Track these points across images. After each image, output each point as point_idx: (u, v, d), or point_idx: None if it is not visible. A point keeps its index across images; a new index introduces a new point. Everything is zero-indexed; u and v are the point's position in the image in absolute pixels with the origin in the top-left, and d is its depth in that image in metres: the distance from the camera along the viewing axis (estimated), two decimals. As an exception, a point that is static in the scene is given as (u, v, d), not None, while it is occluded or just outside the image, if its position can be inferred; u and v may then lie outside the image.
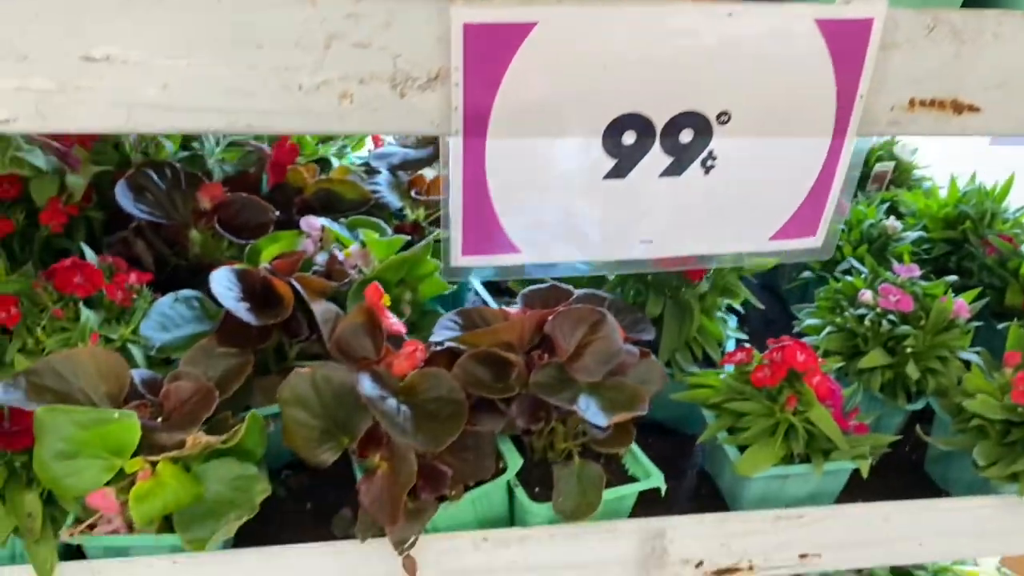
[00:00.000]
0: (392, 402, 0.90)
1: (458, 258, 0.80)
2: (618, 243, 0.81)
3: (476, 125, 0.71)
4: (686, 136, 0.75)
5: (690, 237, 0.83)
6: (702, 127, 0.75)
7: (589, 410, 0.91)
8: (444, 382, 0.92)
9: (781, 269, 1.49)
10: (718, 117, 0.74)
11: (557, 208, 0.78)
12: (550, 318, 0.97)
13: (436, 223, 1.35)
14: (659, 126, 0.74)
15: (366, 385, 0.89)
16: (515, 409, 0.93)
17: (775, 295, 1.55)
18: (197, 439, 0.85)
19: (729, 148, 0.76)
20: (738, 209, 0.81)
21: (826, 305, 1.23)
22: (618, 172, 0.76)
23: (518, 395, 0.94)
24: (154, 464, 0.86)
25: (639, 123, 0.73)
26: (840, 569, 1.10)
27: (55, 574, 0.89)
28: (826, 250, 0.86)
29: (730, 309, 1.24)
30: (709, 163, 0.77)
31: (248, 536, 0.97)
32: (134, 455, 0.86)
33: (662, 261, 0.84)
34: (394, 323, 0.95)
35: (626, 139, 0.74)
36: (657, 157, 0.76)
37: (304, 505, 1.08)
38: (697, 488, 1.16)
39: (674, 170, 0.77)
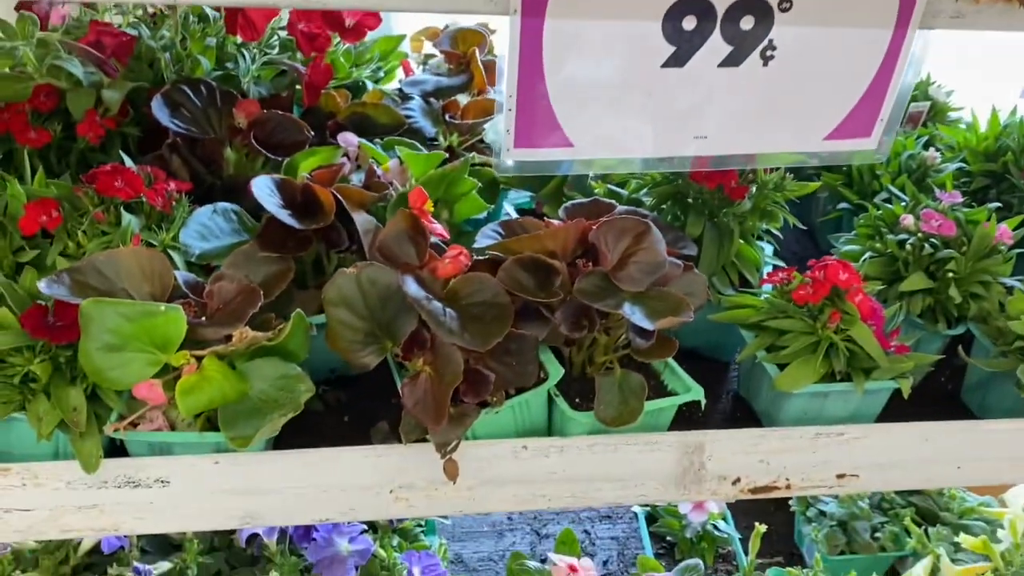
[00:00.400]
0: (437, 304, 0.89)
1: (510, 151, 0.79)
2: (672, 138, 0.80)
3: (535, 4, 0.69)
4: (747, 23, 0.73)
5: (745, 134, 0.81)
6: (763, 13, 0.73)
7: (635, 315, 0.90)
8: (489, 286, 0.91)
9: (814, 204, 1.47)
10: (780, 4, 0.73)
11: (613, 98, 0.77)
12: (594, 228, 0.96)
13: (471, 149, 1.34)
14: (720, 11, 0.72)
15: (411, 286, 0.89)
16: (559, 315, 0.93)
17: (807, 232, 1.53)
18: (243, 334, 0.85)
19: (789, 38, 0.75)
20: (794, 105, 0.80)
21: (865, 232, 1.22)
22: (676, 60, 0.74)
23: (562, 301, 0.93)
24: (200, 359, 0.86)
25: (700, 6, 0.71)
26: (876, 490, 1.09)
27: (99, 470, 0.90)
28: (881, 152, 0.85)
29: (768, 233, 1.23)
30: (768, 53, 0.75)
31: (285, 447, 0.97)
32: (179, 350, 0.86)
33: (714, 160, 0.83)
34: (437, 228, 0.95)
35: (686, 24, 0.72)
36: (717, 45, 0.74)
37: (341, 418, 1.08)
38: (733, 411, 1.16)
39: (733, 60, 0.75)
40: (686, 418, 1.10)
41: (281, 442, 0.99)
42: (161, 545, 1.50)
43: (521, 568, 1.42)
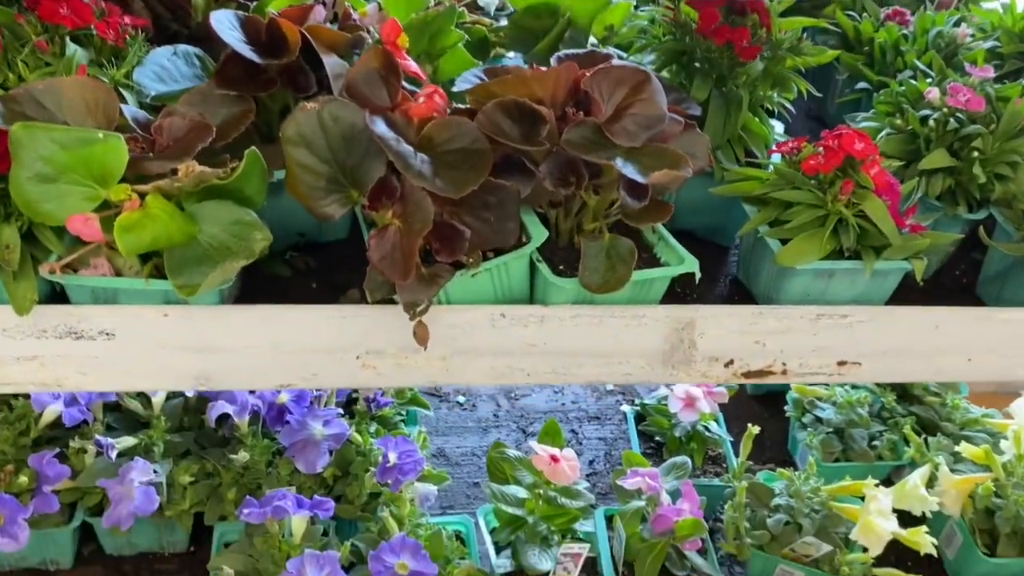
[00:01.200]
0: (408, 146, 0.81)
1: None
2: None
3: None
4: None
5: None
6: None
7: (627, 168, 0.81)
8: (467, 131, 0.82)
9: (831, 86, 1.37)
10: None
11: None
12: (588, 74, 0.86)
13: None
14: None
15: (379, 126, 0.80)
16: (544, 169, 0.84)
17: (820, 120, 1.44)
18: (190, 167, 0.76)
19: None
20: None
21: (885, 109, 1.13)
22: None
23: (548, 153, 0.84)
24: (143, 196, 0.78)
25: None
26: (879, 381, 1.02)
27: (35, 315, 0.82)
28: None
29: (781, 107, 1.13)
30: None
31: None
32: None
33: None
34: (412, 66, 0.85)
35: None
36: None
37: (309, 285, 1.01)
38: (730, 295, 1.08)
39: None
40: (679, 299, 1.02)
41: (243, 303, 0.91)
42: (128, 422, 1.44)
43: (501, 456, 1.37)
